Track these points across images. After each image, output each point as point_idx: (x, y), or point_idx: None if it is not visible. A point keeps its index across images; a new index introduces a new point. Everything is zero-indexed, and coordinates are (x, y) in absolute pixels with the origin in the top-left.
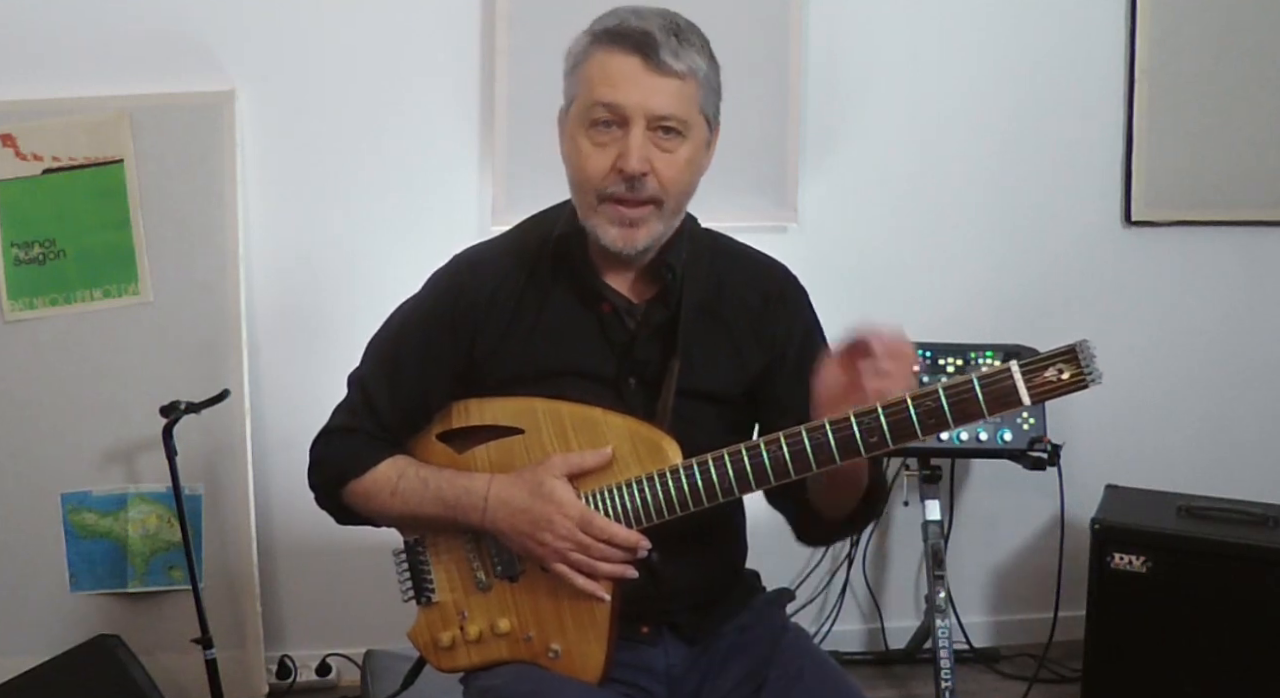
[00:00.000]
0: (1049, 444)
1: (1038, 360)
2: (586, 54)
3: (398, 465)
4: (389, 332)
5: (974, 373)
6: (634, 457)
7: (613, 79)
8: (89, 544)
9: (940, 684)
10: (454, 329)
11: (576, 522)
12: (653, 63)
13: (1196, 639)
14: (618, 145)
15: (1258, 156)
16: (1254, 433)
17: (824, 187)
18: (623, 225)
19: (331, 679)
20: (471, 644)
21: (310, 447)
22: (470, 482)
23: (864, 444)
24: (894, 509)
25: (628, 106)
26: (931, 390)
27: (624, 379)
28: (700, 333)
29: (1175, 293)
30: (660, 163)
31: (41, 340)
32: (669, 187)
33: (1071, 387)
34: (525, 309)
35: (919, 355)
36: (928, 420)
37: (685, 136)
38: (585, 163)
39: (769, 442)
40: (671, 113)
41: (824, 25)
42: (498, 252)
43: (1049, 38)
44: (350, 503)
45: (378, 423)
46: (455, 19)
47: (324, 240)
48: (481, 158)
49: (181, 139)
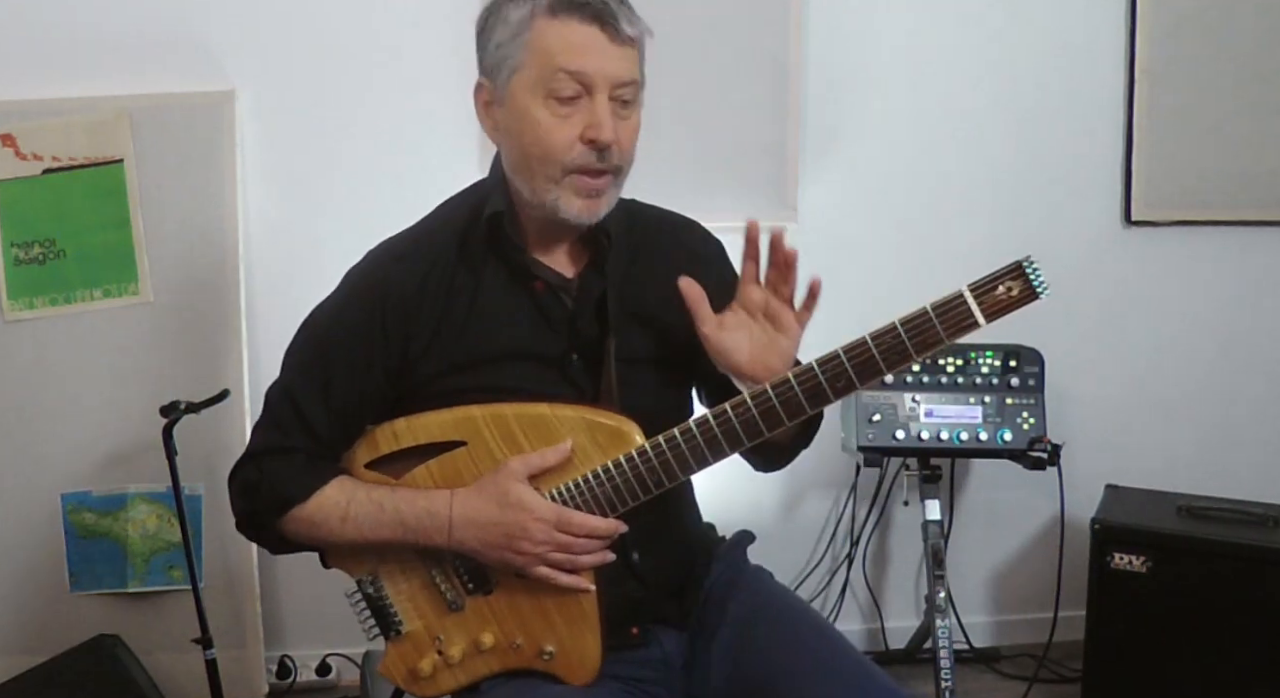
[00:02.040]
0: (1049, 444)
1: (986, 279)
2: (535, 22)
3: (345, 488)
4: (312, 338)
5: (928, 304)
6: (595, 446)
7: (576, 48)
8: (89, 544)
9: (940, 684)
10: (384, 328)
11: (554, 524)
12: (611, 30)
13: (1196, 639)
14: (581, 116)
15: (1258, 157)
16: (1254, 433)
17: (824, 186)
18: (588, 196)
19: (331, 679)
20: (456, 666)
21: (231, 474)
22: (430, 503)
23: (832, 390)
24: (894, 509)
25: (594, 76)
26: (890, 327)
27: (566, 356)
28: (632, 299)
29: (1175, 293)
30: (621, 130)
31: (41, 340)
32: (626, 153)
33: (1022, 300)
34: (457, 296)
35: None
36: (891, 356)
37: (637, 103)
38: (549, 135)
39: (735, 406)
40: (631, 78)
41: (824, 25)
42: (418, 242)
43: (1049, 38)
44: (292, 531)
45: (313, 438)
46: (455, 19)
47: (324, 240)
48: (482, 158)
49: (181, 139)
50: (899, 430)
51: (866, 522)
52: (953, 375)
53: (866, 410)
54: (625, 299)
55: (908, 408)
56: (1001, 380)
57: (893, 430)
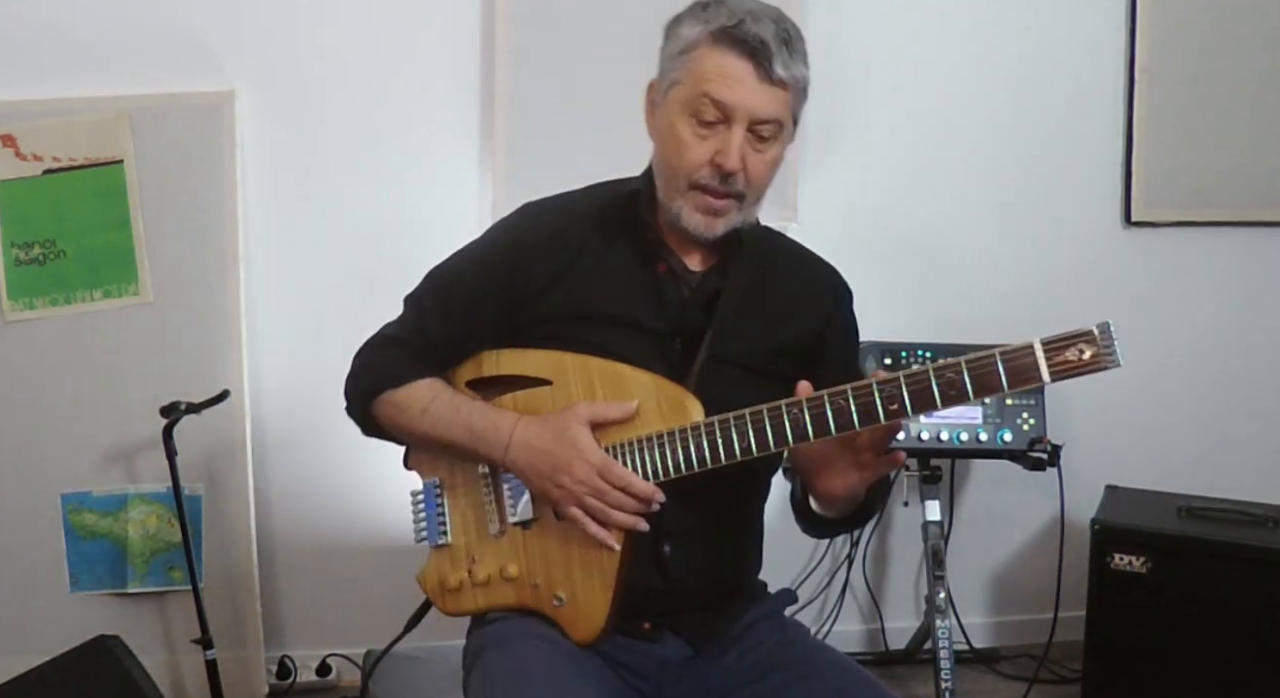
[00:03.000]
0: (1049, 444)
1: (1060, 338)
2: (699, 46)
3: (434, 387)
4: (451, 262)
5: (996, 348)
6: (657, 412)
7: (726, 80)
8: (89, 544)
9: (940, 685)
10: (512, 267)
11: (596, 468)
12: (764, 71)
13: (1196, 639)
14: (717, 140)
15: (1258, 157)
16: (1254, 433)
17: (824, 186)
18: (707, 213)
19: (331, 679)
20: (479, 587)
21: (358, 351)
22: (499, 418)
23: (884, 411)
24: (894, 509)
25: (735, 108)
26: (954, 363)
27: (670, 339)
28: (745, 304)
29: (1175, 293)
30: (751, 161)
31: (41, 340)
32: (755, 183)
33: (1091, 367)
34: (585, 255)
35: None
36: (948, 392)
37: (777, 140)
38: (684, 150)
39: (790, 404)
40: (772, 118)
41: (824, 24)
42: (564, 203)
43: (1049, 38)
44: (380, 413)
45: (427, 342)
46: (455, 19)
47: (324, 240)
48: (481, 157)
49: (181, 139)
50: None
51: None
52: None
53: None
54: (739, 305)
55: None
56: None
57: None
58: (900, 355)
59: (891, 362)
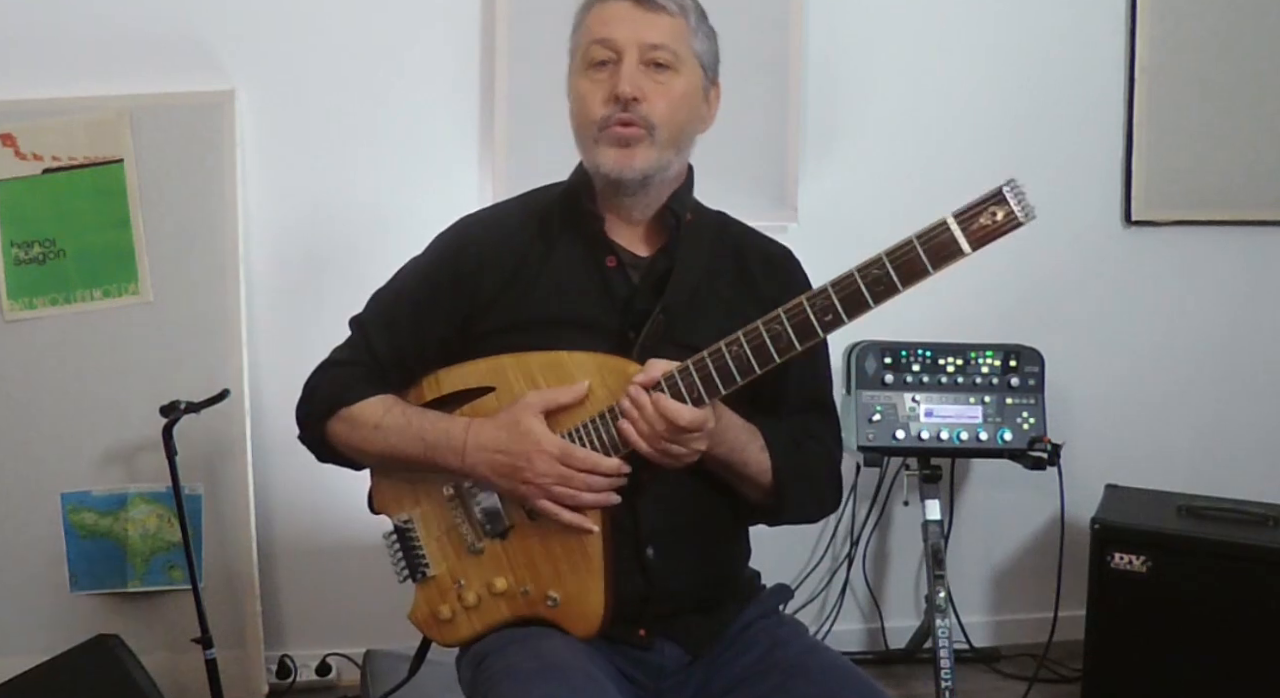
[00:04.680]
0: (1049, 444)
1: (970, 207)
2: (585, 13)
3: (385, 402)
4: (393, 282)
5: (912, 234)
6: (604, 389)
7: (607, 19)
8: (89, 544)
9: (940, 684)
10: (456, 280)
11: (557, 456)
12: (645, 3)
13: (1196, 639)
14: (614, 79)
15: (1258, 157)
16: (1254, 433)
17: (824, 186)
18: (619, 145)
19: (331, 679)
20: (471, 611)
21: (307, 379)
22: (450, 425)
23: (820, 324)
24: (894, 509)
25: (620, 39)
26: (875, 259)
27: (625, 333)
28: (698, 287)
29: (1175, 293)
30: (652, 92)
31: (41, 340)
32: (661, 115)
33: (1007, 227)
34: (530, 261)
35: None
36: (876, 288)
37: (677, 72)
38: (585, 101)
39: (729, 343)
40: (662, 42)
41: (824, 25)
42: (503, 211)
43: (1049, 38)
44: (333, 432)
45: (375, 361)
46: (455, 19)
47: (324, 240)
48: (481, 157)
49: (181, 139)
50: (899, 430)
51: (866, 522)
52: (953, 375)
53: (866, 410)
54: (691, 287)
55: (908, 408)
56: (1001, 380)
57: (893, 430)
58: (900, 355)
59: (891, 361)
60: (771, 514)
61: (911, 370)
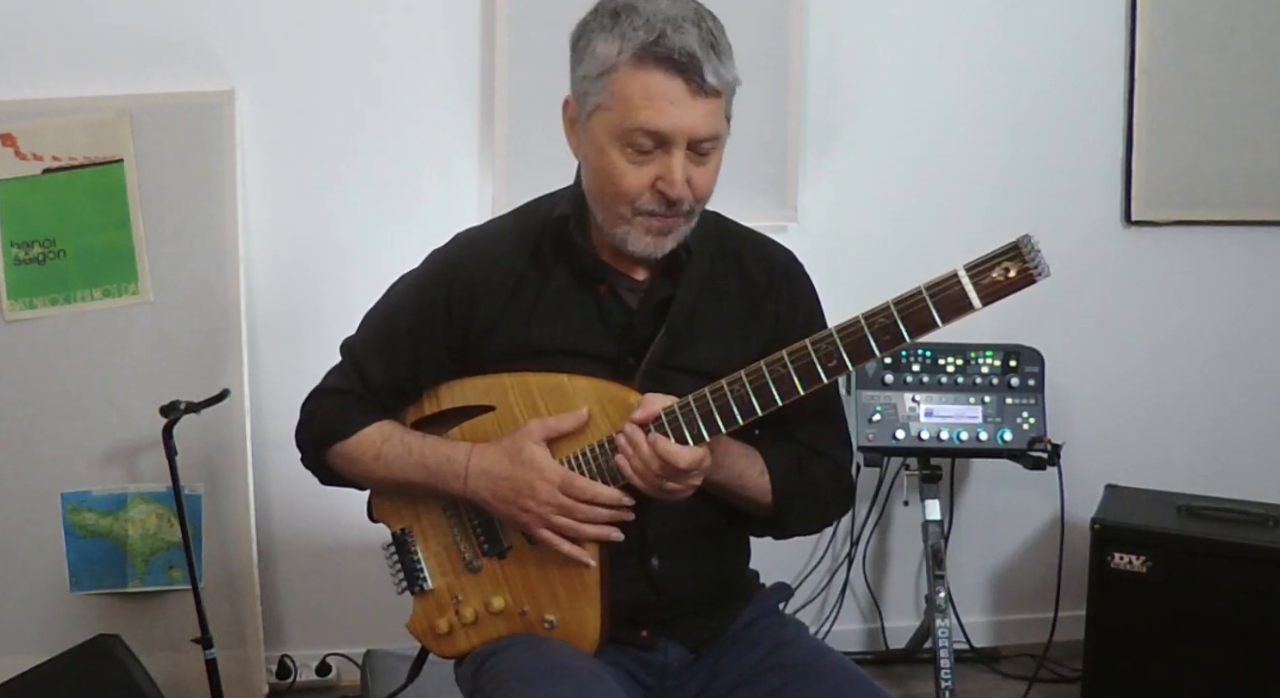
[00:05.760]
0: (1049, 444)
1: (983, 260)
2: (620, 68)
3: (383, 430)
4: (385, 304)
5: (922, 285)
6: (604, 416)
7: (657, 103)
8: (89, 544)
9: (940, 684)
10: (449, 307)
11: (558, 485)
12: (695, 85)
13: (1196, 639)
14: (656, 165)
15: (1258, 157)
16: (1254, 433)
17: (824, 186)
18: (657, 234)
19: (331, 679)
20: (469, 627)
21: (302, 404)
22: (452, 450)
23: (823, 369)
24: (894, 509)
25: (673, 134)
26: (883, 307)
27: (623, 360)
28: (701, 309)
29: (1175, 293)
30: (695, 177)
31: (41, 340)
32: (701, 197)
33: (1020, 284)
34: (524, 288)
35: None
36: (883, 337)
37: (717, 149)
38: (621, 179)
39: (731, 382)
40: (712, 134)
41: (824, 25)
42: (497, 231)
43: (1049, 38)
44: (334, 464)
45: (368, 389)
46: (455, 19)
47: (324, 240)
48: (481, 157)
49: (181, 139)
50: (899, 430)
51: (866, 522)
52: (953, 375)
53: (866, 410)
54: (693, 308)
55: (908, 408)
56: (1001, 380)
57: (893, 430)
58: (900, 355)
59: (891, 361)
60: (774, 530)
61: (911, 370)
